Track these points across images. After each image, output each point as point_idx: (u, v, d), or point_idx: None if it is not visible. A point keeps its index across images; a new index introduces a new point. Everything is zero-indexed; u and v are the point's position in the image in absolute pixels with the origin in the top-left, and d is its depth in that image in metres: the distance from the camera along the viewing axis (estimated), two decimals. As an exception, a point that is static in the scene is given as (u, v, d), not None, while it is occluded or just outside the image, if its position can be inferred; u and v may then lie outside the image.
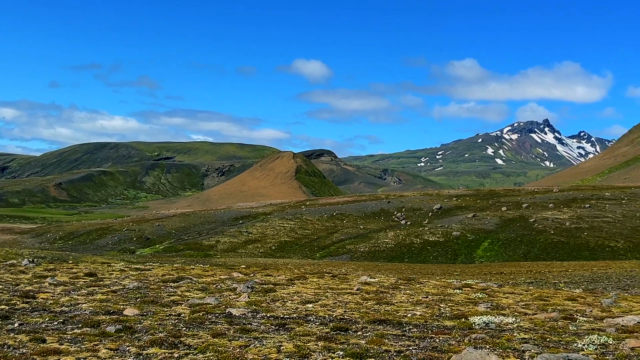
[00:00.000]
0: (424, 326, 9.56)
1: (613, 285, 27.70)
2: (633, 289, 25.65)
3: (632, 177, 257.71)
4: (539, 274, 38.20)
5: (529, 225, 72.69)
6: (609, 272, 36.68)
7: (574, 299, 12.99)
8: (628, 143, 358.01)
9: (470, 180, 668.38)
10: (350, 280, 16.92)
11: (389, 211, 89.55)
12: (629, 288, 26.08)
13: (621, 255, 61.71)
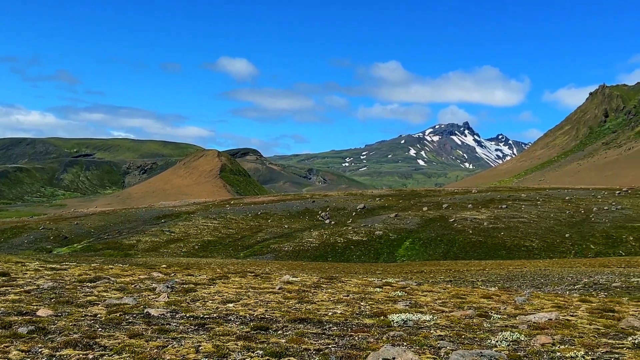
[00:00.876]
0: (344, 324, 9.64)
1: (528, 284, 28.61)
2: (546, 287, 26.59)
3: (547, 179, 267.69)
4: (458, 272, 39.09)
5: (449, 225, 74.44)
6: (524, 270, 37.91)
7: (490, 296, 13.36)
8: (543, 146, 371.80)
9: (393, 180, 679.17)
10: (272, 279, 16.88)
11: (313, 210, 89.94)
12: (542, 286, 27.01)
13: (536, 255, 63.97)
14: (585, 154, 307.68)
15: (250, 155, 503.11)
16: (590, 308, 11.81)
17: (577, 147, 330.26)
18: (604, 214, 78.48)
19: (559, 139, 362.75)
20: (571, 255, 63.66)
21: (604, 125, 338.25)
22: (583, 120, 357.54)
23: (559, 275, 32.27)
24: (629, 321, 9.91)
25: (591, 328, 9.54)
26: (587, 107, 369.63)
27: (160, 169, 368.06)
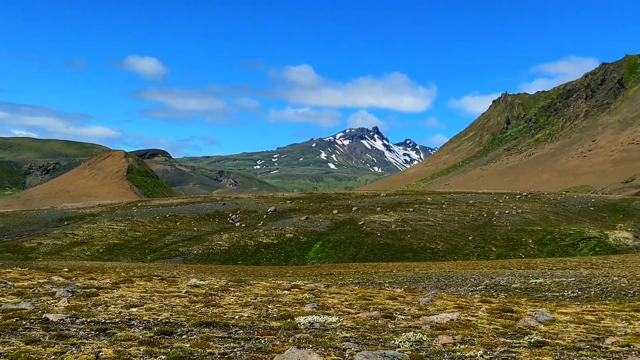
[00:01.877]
0: (250, 327, 9.57)
1: (432, 285, 29.28)
2: (449, 288, 27.31)
3: (452, 183, 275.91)
4: (366, 274, 39.57)
5: (358, 228, 75.42)
6: (429, 272, 38.78)
7: (395, 298, 13.59)
8: (448, 151, 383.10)
9: (305, 183, 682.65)
10: (179, 283, 16.57)
11: (224, 213, 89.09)
12: (446, 287, 27.72)
13: (441, 257, 65.74)
14: (488, 160, 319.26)
15: (159, 157, 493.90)
16: (490, 308, 12.21)
17: (480, 153, 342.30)
18: (505, 217, 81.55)
19: (464, 145, 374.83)
20: (474, 257, 65.76)
21: (506, 132, 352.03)
22: (486, 127, 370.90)
23: (463, 277, 33.19)
24: (525, 321, 10.31)
25: (490, 328, 9.86)
26: (490, 114, 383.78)
27: (63, 170, 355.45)
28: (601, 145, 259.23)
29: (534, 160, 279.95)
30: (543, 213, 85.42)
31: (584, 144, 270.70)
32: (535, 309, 12.47)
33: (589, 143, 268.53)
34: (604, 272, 33.02)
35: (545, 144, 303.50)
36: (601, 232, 73.95)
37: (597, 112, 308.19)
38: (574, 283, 25.16)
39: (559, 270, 36.22)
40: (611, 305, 16.63)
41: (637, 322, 11.63)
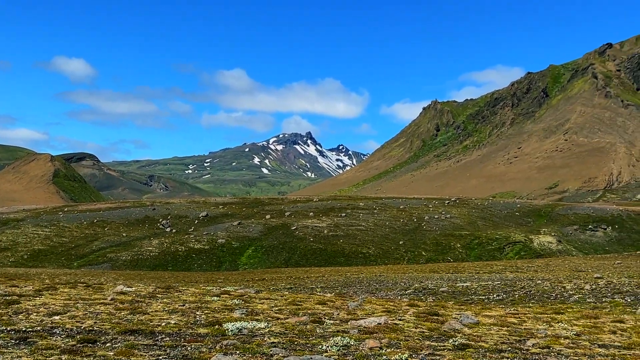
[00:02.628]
0: (177, 334, 9.43)
1: (364, 289, 29.50)
2: (380, 292, 27.61)
3: (383, 188, 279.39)
4: (298, 279, 39.56)
5: (291, 233, 75.42)
6: (360, 276, 39.07)
7: (325, 303, 13.65)
8: (380, 157, 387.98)
9: (237, 188, 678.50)
10: (105, 290, 16.17)
11: (154, 218, 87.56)
12: (376, 291, 27.99)
13: (372, 261, 66.40)
14: (419, 165, 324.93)
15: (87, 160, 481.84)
16: (418, 312, 12.41)
17: (411, 159, 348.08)
18: (435, 222, 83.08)
19: (395, 151, 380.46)
20: (405, 262, 66.72)
21: (435, 138, 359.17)
22: (417, 134, 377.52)
23: (393, 281, 33.58)
24: (451, 324, 10.53)
25: (417, 331, 10.02)
26: (420, 121, 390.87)
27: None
28: (526, 152, 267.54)
29: (463, 166, 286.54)
30: (471, 218, 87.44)
31: (510, 151, 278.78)
32: (460, 312, 12.74)
33: (515, 150, 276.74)
34: (528, 275, 34.01)
35: (473, 150, 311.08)
36: (526, 237, 76.23)
37: (522, 120, 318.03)
38: (500, 286, 25.82)
39: (485, 274, 37.10)
40: (534, 308, 17.16)
41: (558, 324, 12.03)
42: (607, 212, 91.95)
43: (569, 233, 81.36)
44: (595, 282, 25.48)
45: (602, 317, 13.88)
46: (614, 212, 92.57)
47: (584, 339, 10.24)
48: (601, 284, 24.59)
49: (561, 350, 9.04)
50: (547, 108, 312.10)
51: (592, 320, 13.04)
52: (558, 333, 10.64)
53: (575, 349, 9.15)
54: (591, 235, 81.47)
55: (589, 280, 26.74)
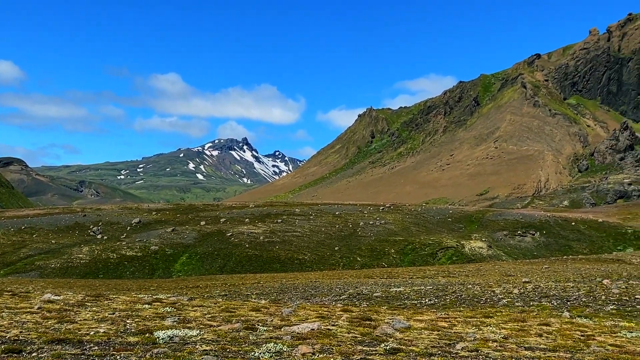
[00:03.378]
0: (106, 343, 9.22)
1: (299, 295, 29.53)
2: (315, 298, 27.68)
3: (319, 194, 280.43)
4: (234, 286, 39.30)
5: (226, 239, 74.82)
6: (296, 283, 39.10)
7: (259, 309, 13.60)
8: (316, 164, 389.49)
9: (171, 194, 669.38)
10: (32, 298, 15.68)
11: (84, 225, 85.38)
12: (312, 297, 28.05)
13: (308, 267, 66.51)
14: (354, 172, 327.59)
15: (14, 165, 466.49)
16: (351, 317, 12.51)
17: (347, 165, 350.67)
18: (370, 228, 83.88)
19: (331, 157, 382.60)
20: (340, 267, 67.10)
21: (370, 145, 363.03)
22: (352, 140, 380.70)
23: (328, 287, 33.73)
24: (383, 329, 10.65)
25: (349, 336, 10.09)
26: (356, 128, 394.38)
27: None
28: (458, 159, 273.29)
29: (397, 173, 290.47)
30: (405, 224, 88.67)
31: (442, 158, 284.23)
32: (393, 317, 12.90)
33: (447, 157, 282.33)
34: (460, 280, 34.71)
35: (407, 157, 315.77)
36: (458, 242, 77.81)
37: (454, 128, 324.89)
38: (432, 291, 26.27)
39: (418, 279, 37.68)
40: (464, 311, 17.52)
41: (487, 327, 12.32)
42: (535, 218, 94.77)
43: (499, 238, 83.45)
44: (524, 286, 26.20)
45: (529, 320, 14.29)
46: (541, 218, 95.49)
47: (511, 341, 10.51)
48: (529, 288, 25.30)
49: (489, 353, 9.26)
50: (478, 116, 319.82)
51: (519, 323, 13.40)
52: (487, 336, 10.90)
53: (502, 352, 9.39)
54: (520, 240, 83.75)
55: (518, 284, 27.48)
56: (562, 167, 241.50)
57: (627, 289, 22.85)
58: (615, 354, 9.69)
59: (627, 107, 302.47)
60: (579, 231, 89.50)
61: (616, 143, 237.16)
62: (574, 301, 20.80)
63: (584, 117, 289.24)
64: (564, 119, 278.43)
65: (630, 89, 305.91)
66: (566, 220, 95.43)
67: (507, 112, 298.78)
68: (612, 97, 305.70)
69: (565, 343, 10.55)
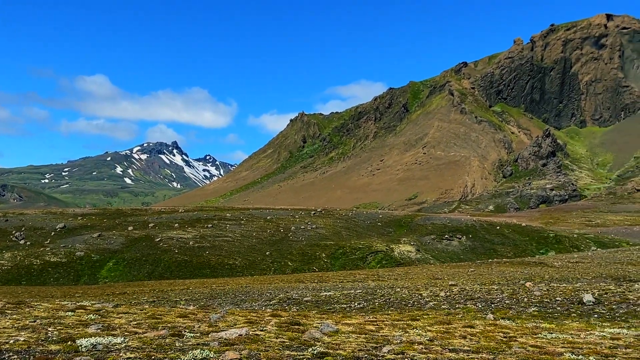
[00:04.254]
0: (26, 352, 8.92)
1: (229, 301, 29.32)
2: (245, 303, 27.54)
3: (251, 199, 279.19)
4: (162, 292, 38.71)
5: (155, 245, 73.60)
6: (226, 288, 38.81)
7: (186, 315, 13.43)
8: (248, 168, 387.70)
9: (98, 198, 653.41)
10: (-53, 308, 15.01)
11: (6, 230, 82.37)
12: (242, 303, 27.90)
13: (239, 272, 66.11)
14: (286, 177, 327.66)
15: None
16: (280, 322, 12.50)
17: (278, 170, 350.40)
18: (301, 232, 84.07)
19: (262, 162, 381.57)
20: (271, 272, 66.97)
21: (302, 150, 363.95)
22: (284, 145, 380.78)
23: (259, 292, 33.64)
24: (311, 333, 10.69)
25: (277, 341, 10.08)
26: (288, 132, 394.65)
27: None
28: (388, 164, 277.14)
29: (328, 178, 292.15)
30: (335, 228, 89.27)
31: (372, 163, 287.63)
32: (321, 321, 12.97)
33: (378, 162, 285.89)
34: (389, 283, 35.17)
35: (338, 162, 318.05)
36: (387, 246, 78.84)
37: (384, 133, 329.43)
38: (361, 295, 26.51)
39: (349, 283, 37.98)
40: (392, 315, 17.78)
41: (413, 330, 12.53)
42: (461, 222, 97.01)
43: (427, 242, 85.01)
44: (450, 289, 26.76)
45: (454, 322, 14.60)
46: (468, 222, 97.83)
47: (437, 344, 10.72)
48: (455, 290, 25.85)
49: (414, 355, 9.42)
50: (408, 122, 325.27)
51: (445, 325, 13.68)
52: (413, 339, 11.08)
53: (427, 354, 9.56)
54: (447, 244, 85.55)
55: (445, 287, 28.04)
56: (487, 172, 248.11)
57: (549, 291, 23.63)
58: (535, 354, 10.01)
59: (549, 114, 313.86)
60: (504, 235, 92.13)
61: (539, 150, 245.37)
62: (498, 303, 21.37)
63: (508, 124, 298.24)
64: (490, 125, 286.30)
65: (552, 97, 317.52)
66: (491, 225, 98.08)
67: (435, 118, 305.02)
68: (535, 105, 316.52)
69: (488, 344, 10.83)
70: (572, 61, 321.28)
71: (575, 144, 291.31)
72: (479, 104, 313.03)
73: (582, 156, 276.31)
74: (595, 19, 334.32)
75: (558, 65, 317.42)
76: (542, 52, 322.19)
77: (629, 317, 17.76)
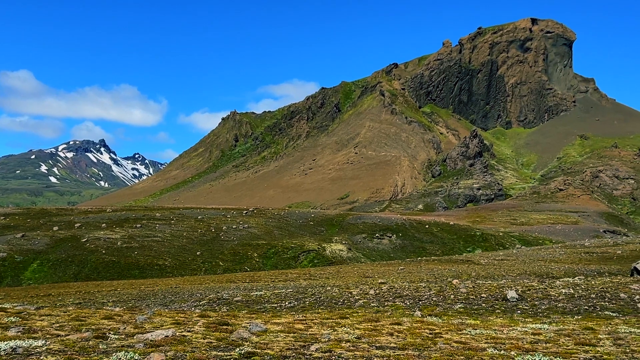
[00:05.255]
0: (-60, 359, 8.58)
1: (158, 302, 28.92)
2: (174, 304, 27.21)
3: (182, 198, 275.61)
4: (89, 294, 37.85)
5: (81, 245, 71.77)
6: (155, 289, 38.25)
7: (112, 317, 13.16)
8: (178, 167, 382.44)
9: (22, 198, 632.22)
10: None
11: None
12: (171, 303, 27.55)
13: (169, 273, 65.17)
14: (218, 176, 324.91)
15: None
16: (208, 322, 12.39)
17: (210, 169, 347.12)
18: (233, 232, 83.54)
19: (194, 161, 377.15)
20: (202, 272, 66.30)
21: (234, 149, 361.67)
22: (216, 144, 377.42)
23: (189, 292, 33.30)
24: (239, 333, 10.65)
25: (205, 342, 9.99)
26: (219, 131, 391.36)
27: None
28: (320, 164, 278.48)
29: (261, 177, 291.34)
30: (268, 228, 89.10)
31: (305, 163, 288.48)
32: (250, 321, 12.93)
33: (310, 162, 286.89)
34: (320, 282, 35.39)
35: (271, 161, 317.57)
36: (319, 245, 79.24)
37: (317, 133, 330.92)
38: (292, 294, 26.57)
39: (280, 282, 38.03)
40: (322, 313, 17.88)
41: (341, 328, 12.63)
42: (392, 221, 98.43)
43: (358, 241, 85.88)
44: (380, 287, 27.11)
45: (382, 320, 14.80)
46: (398, 221, 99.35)
47: (364, 341, 10.85)
48: (384, 288, 26.21)
49: (342, 353, 9.51)
50: (340, 122, 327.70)
51: (373, 323, 13.85)
52: (341, 337, 11.18)
53: (354, 352, 9.67)
54: (378, 243, 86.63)
55: (374, 285, 28.39)
56: (417, 172, 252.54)
57: (474, 288, 24.24)
58: (459, 350, 10.26)
59: (476, 116, 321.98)
60: (433, 234, 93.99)
61: (466, 150, 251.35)
62: (426, 301, 21.79)
63: (437, 125, 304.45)
64: (419, 126, 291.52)
65: (479, 99, 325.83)
66: (420, 223, 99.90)
67: (366, 118, 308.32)
68: (463, 106, 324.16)
69: (414, 341, 11.03)
70: (498, 64, 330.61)
71: (501, 144, 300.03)
72: (409, 105, 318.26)
73: (507, 156, 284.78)
74: (521, 22, 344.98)
75: (485, 68, 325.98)
76: (469, 54, 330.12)
77: (550, 312, 18.41)
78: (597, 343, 11.36)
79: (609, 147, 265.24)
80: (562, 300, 20.39)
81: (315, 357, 9.15)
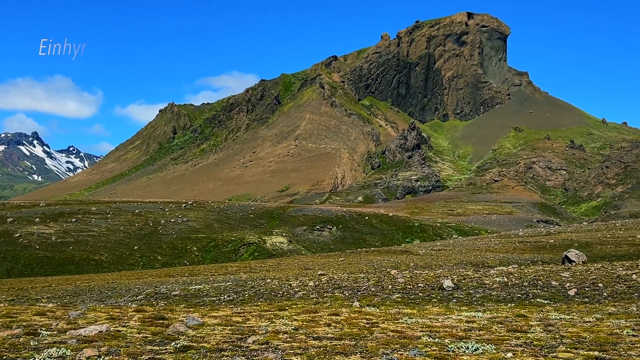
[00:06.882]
0: None
1: (94, 297, 28.43)
2: (111, 299, 26.78)
3: (118, 192, 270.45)
4: (22, 290, 36.86)
5: (14, 241, 69.74)
6: (91, 284, 37.56)
7: (44, 313, 12.86)
8: (115, 160, 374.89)
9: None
10: None
11: None
12: (107, 299, 27.12)
13: (105, 268, 64.00)
14: (155, 169, 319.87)
15: None
16: (144, 317, 12.24)
17: (147, 162, 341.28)
18: (171, 226, 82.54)
19: (130, 153, 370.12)
20: (140, 267, 65.35)
21: (172, 141, 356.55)
22: (153, 136, 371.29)
23: (126, 287, 32.82)
24: (175, 327, 10.56)
25: (140, 337, 9.88)
26: (157, 123, 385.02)
27: None
28: (260, 156, 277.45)
29: (200, 170, 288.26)
30: (207, 221, 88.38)
31: (245, 155, 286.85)
32: (187, 315, 12.84)
33: (250, 154, 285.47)
34: (260, 275, 35.36)
35: (210, 154, 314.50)
36: (260, 238, 79.09)
37: (257, 125, 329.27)
38: (232, 287, 26.48)
39: (220, 276, 37.82)
40: (261, 306, 17.89)
41: (279, 320, 12.67)
42: (332, 213, 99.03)
43: (299, 233, 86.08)
44: (319, 278, 27.28)
45: (321, 311, 14.91)
46: (338, 213, 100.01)
47: (302, 332, 10.92)
48: (324, 280, 26.39)
49: (279, 344, 9.55)
50: (280, 115, 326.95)
51: (311, 314, 13.94)
52: (278, 329, 11.22)
53: (291, 343, 9.72)
54: (318, 235, 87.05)
55: (314, 277, 28.56)
56: (357, 164, 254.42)
57: (412, 278, 24.65)
58: (395, 339, 10.43)
59: (414, 108, 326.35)
60: (372, 225, 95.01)
61: (405, 142, 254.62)
62: (364, 291, 22.04)
63: (376, 118, 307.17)
64: (359, 119, 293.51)
65: (417, 92, 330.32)
66: (360, 215, 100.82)
67: (306, 111, 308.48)
68: (401, 99, 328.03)
69: (352, 331, 11.16)
70: (435, 57, 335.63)
71: (439, 137, 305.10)
72: (348, 98, 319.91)
73: (444, 149, 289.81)
74: (457, 16, 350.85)
75: (422, 61, 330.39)
76: (407, 48, 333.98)
77: (484, 300, 18.89)
78: (528, 329, 11.72)
79: (542, 139, 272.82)
80: (496, 288, 20.94)
81: (252, 350, 9.15)
